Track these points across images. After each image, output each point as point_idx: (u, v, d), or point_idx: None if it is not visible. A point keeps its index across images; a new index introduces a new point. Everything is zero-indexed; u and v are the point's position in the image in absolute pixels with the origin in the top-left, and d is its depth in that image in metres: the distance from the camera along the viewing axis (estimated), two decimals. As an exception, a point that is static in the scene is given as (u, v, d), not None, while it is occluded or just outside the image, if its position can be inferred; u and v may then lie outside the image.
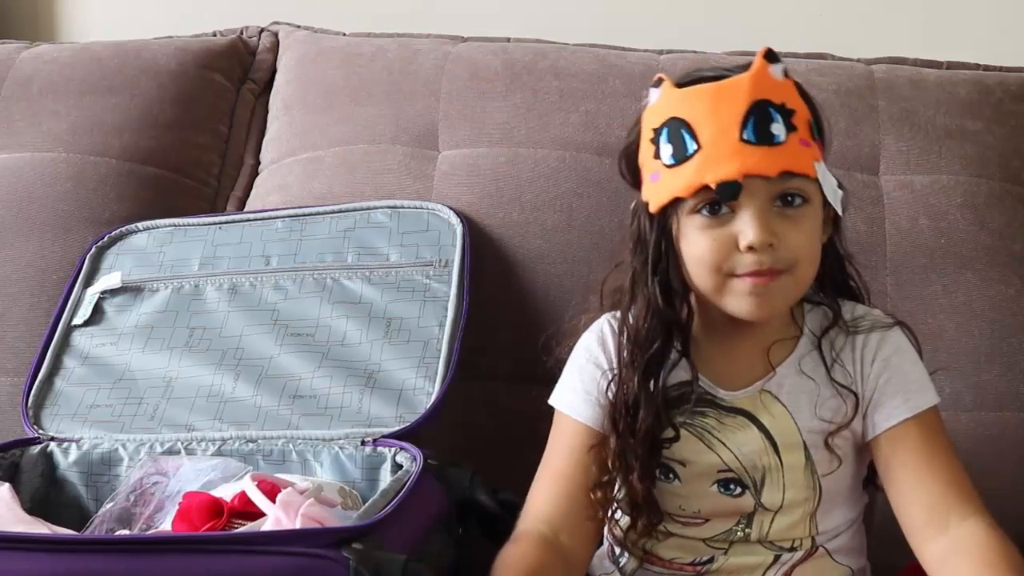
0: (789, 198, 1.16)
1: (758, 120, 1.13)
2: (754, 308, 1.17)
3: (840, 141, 1.61)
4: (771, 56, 1.16)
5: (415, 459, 1.29)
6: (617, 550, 1.30)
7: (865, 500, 1.28)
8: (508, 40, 1.81)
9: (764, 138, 1.13)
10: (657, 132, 1.18)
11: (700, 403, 1.22)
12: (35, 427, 1.47)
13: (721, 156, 1.13)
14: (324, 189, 1.69)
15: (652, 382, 1.21)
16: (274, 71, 1.89)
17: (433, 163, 1.69)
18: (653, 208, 1.19)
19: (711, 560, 1.24)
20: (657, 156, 1.18)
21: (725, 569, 1.24)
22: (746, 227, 1.14)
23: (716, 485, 1.22)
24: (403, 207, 1.61)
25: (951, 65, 1.77)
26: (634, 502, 1.22)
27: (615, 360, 1.25)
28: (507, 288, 1.59)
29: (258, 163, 1.83)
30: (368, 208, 1.62)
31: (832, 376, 1.21)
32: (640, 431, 1.20)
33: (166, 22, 2.00)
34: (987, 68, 1.76)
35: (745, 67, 1.17)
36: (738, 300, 1.17)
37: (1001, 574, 1.09)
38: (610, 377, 1.24)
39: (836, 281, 1.27)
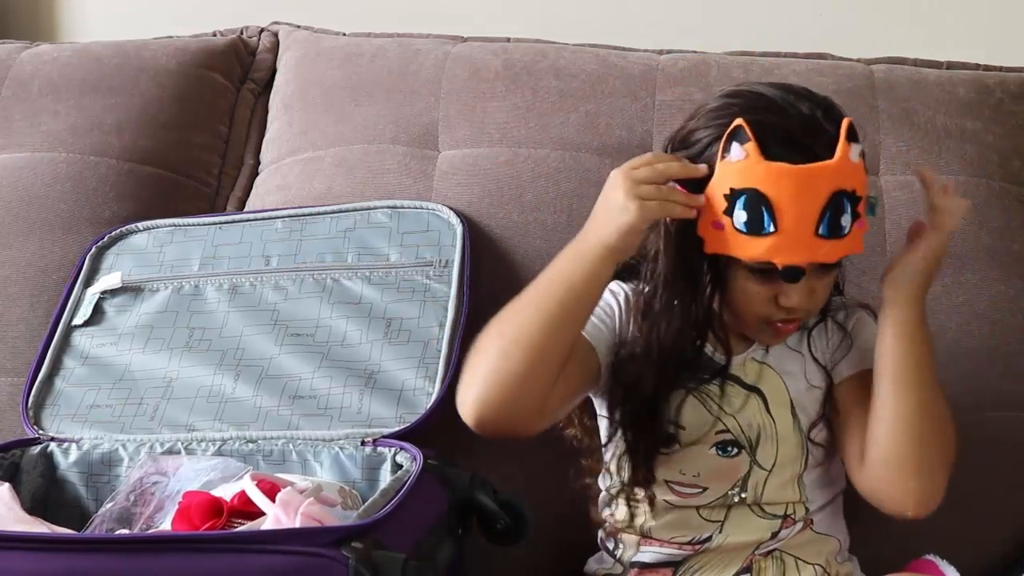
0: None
1: (832, 215, 1.18)
2: (772, 341, 1.31)
3: (840, 141, 1.60)
4: (852, 135, 1.19)
5: (415, 459, 1.29)
6: (610, 544, 1.35)
7: (842, 485, 1.35)
8: (508, 40, 1.81)
9: (835, 232, 1.19)
10: (735, 193, 1.19)
11: (708, 371, 1.30)
12: (35, 427, 1.47)
13: (796, 246, 1.19)
14: (324, 189, 1.69)
15: (663, 360, 1.28)
16: (274, 71, 1.89)
17: (433, 163, 1.69)
18: (708, 250, 1.23)
19: (709, 539, 1.30)
20: (728, 214, 1.19)
21: (724, 547, 1.30)
22: (792, 292, 1.23)
23: (715, 448, 1.30)
24: (403, 207, 1.61)
25: (951, 65, 1.76)
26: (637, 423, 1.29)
27: (626, 316, 1.31)
28: (507, 288, 1.58)
29: (258, 163, 1.82)
30: (368, 208, 1.61)
31: (811, 349, 1.33)
32: (642, 389, 1.28)
33: (166, 22, 2.00)
34: (987, 68, 1.76)
35: (825, 111, 1.21)
36: (762, 333, 1.30)
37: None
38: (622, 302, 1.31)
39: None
